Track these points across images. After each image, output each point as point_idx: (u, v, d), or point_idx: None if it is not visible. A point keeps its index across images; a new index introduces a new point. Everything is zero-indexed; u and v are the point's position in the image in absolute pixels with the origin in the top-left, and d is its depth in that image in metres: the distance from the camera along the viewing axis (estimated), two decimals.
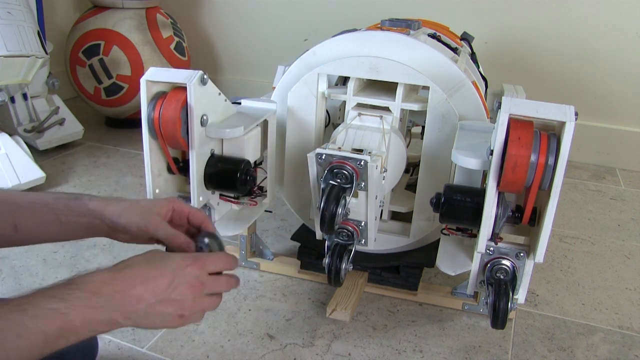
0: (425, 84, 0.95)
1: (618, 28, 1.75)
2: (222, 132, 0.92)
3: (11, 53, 1.40)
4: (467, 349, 0.96)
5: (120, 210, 0.65)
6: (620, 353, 0.97)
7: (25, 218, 0.64)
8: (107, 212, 0.66)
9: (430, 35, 1.14)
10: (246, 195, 1.01)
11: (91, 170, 1.66)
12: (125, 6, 1.89)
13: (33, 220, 0.65)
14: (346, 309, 1.02)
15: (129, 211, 0.65)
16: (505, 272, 0.84)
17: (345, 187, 0.85)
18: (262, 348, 0.95)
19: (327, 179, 0.86)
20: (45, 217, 0.65)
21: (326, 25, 2.01)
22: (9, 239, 0.65)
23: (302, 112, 1.03)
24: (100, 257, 1.20)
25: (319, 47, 1.03)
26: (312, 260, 1.13)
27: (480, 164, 0.80)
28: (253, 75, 2.27)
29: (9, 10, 1.44)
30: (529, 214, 0.80)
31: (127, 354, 0.93)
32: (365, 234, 0.93)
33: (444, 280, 1.15)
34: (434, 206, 0.85)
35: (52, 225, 0.65)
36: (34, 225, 0.65)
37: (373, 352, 0.95)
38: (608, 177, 1.79)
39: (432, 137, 0.97)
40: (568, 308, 1.09)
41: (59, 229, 0.65)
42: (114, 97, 1.91)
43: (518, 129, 0.73)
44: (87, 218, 0.66)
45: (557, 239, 1.36)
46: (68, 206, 0.65)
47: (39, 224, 0.65)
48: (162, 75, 0.88)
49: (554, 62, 1.85)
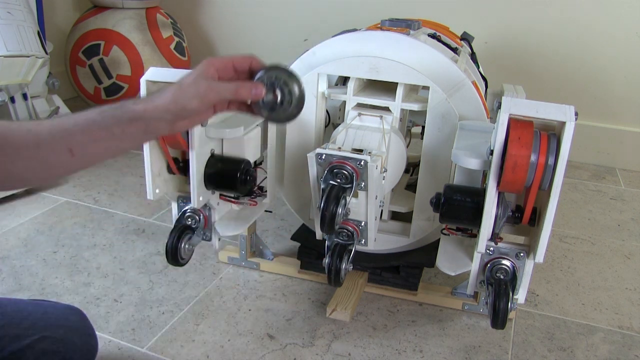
0: (425, 84, 0.95)
1: (618, 28, 1.75)
2: (222, 132, 0.92)
3: (11, 53, 1.40)
4: (467, 349, 0.96)
5: (170, 96, 0.64)
6: (620, 353, 0.97)
7: (77, 141, 0.62)
8: (160, 106, 0.64)
9: (430, 35, 1.14)
10: (246, 195, 1.01)
11: (91, 170, 1.66)
12: (125, 6, 1.89)
13: (87, 140, 0.62)
14: (346, 309, 1.02)
15: (180, 93, 0.64)
16: (505, 272, 0.84)
17: (345, 187, 0.85)
18: (262, 348, 0.95)
19: (327, 179, 0.86)
20: (98, 135, 0.62)
21: (326, 25, 2.01)
22: (67, 165, 0.63)
23: (302, 112, 1.03)
24: (100, 257, 1.20)
25: (319, 47, 1.03)
26: (312, 260, 1.13)
27: (480, 164, 0.80)
28: None
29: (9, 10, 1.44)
30: (529, 214, 0.80)
31: (127, 354, 0.93)
32: (365, 234, 0.93)
33: (444, 280, 1.15)
34: (434, 206, 0.85)
35: (106, 141, 0.63)
36: (89, 145, 0.62)
37: (373, 352, 0.95)
38: (608, 177, 1.79)
39: (432, 137, 0.97)
40: (568, 308, 1.09)
41: (114, 142, 0.63)
42: (114, 97, 1.91)
43: (518, 129, 0.73)
44: (140, 122, 0.63)
45: (557, 239, 1.36)
46: (116, 117, 0.63)
47: (94, 143, 0.62)
48: (162, 75, 0.88)
49: (554, 62, 1.85)
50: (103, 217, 1.38)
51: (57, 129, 0.61)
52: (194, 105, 0.64)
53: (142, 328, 0.99)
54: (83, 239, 1.28)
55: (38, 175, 0.63)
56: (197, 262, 1.19)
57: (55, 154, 0.61)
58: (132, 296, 1.08)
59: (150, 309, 1.04)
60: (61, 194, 1.51)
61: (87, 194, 1.51)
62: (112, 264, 1.18)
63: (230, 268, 1.18)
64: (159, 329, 0.99)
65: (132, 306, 1.05)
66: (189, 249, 0.95)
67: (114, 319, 1.01)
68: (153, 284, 1.11)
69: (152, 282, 1.12)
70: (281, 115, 0.71)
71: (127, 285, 1.11)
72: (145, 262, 1.19)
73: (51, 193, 1.50)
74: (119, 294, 1.08)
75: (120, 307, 1.04)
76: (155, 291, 1.09)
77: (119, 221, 1.36)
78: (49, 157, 0.61)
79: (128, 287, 1.10)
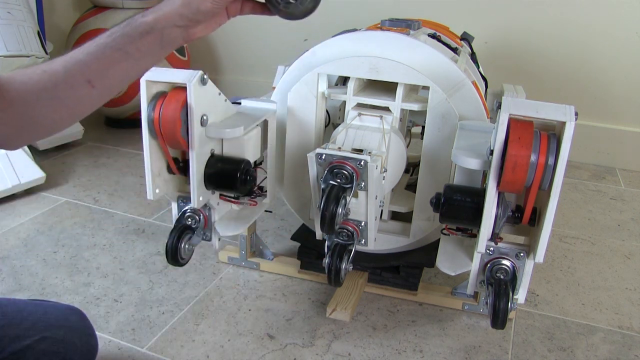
0: (425, 84, 0.95)
1: (618, 28, 1.75)
2: (222, 132, 0.92)
3: (11, 53, 1.40)
4: (467, 349, 0.96)
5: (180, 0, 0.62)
6: (620, 353, 0.97)
7: (94, 70, 0.60)
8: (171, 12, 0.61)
9: (430, 35, 1.14)
10: (246, 195, 1.01)
11: (91, 170, 1.66)
12: (125, 6, 1.89)
13: (103, 67, 0.60)
14: (346, 309, 1.02)
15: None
16: (505, 272, 0.84)
17: (346, 187, 0.85)
18: (262, 348, 0.95)
19: (327, 179, 0.86)
20: (113, 58, 0.60)
21: (326, 25, 2.01)
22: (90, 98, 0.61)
23: (302, 112, 1.03)
24: (100, 257, 1.20)
25: (319, 47, 1.03)
26: (312, 260, 1.13)
27: (480, 164, 0.80)
28: (253, 75, 2.27)
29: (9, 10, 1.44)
30: (529, 214, 0.80)
31: (127, 354, 0.93)
32: (365, 234, 0.93)
33: (444, 280, 1.15)
34: (434, 206, 0.85)
35: (123, 62, 0.60)
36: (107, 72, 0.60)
37: (373, 352, 0.95)
38: (608, 177, 1.79)
39: (432, 137, 0.97)
40: (568, 308, 1.09)
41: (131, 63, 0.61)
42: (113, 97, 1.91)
43: (518, 129, 0.73)
44: (154, 34, 0.61)
45: (557, 239, 1.36)
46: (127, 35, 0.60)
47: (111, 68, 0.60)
48: (162, 75, 0.88)
49: (554, 62, 1.85)
50: (103, 217, 1.38)
51: (71, 62, 0.59)
52: (208, 6, 0.62)
53: (142, 328, 0.99)
54: (83, 239, 1.28)
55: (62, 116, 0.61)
56: (197, 262, 1.19)
57: (75, 89, 0.59)
58: (132, 296, 1.08)
59: (150, 309, 1.04)
60: (61, 194, 1.51)
61: (87, 194, 1.51)
62: (112, 264, 1.18)
63: (230, 268, 1.18)
64: (159, 329, 0.99)
65: (132, 306, 1.05)
66: (189, 249, 0.95)
67: (114, 319, 1.01)
68: (153, 284, 1.11)
69: (152, 282, 1.12)
70: (298, 9, 0.69)
71: (127, 285, 1.11)
72: (145, 262, 1.19)
73: (51, 193, 1.50)
74: (119, 294, 1.08)
75: (120, 307, 1.04)
76: (155, 291, 1.09)
77: (119, 221, 1.36)
78: (69, 94, 0.58)
79: (128, 287, 1.10)
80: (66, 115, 0.62)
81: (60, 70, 0.58)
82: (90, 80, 0.59)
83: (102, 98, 0.62)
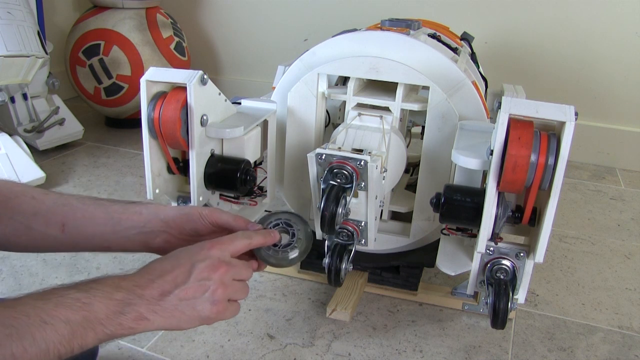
0: (425, 84, 0.95)
1: (618, 28, 1.75)
2: (222, 132, 0.92)
3: (11, 53, 1.40)
4: (467, 349, 0.97)
5: (177, 208, 0.65)
6: (620, 353, 0.97)
7: (74, 214, 0.60)
8: (165, 210, 0.64)
9: (430, 35, 1.14)
10: (246, 195, 1.01)
11: (91, 170, 1.66)
12: (125, 6, 1.89)
13: (82, 216, 0.60)
14: (346, 309, 1.02)
15: (185, 208, 0.65)
16: (505, 272, 0.84)
17: (346, 187, 0.85)
18: (262, 348, 0.95)
19: (327, 179, 0.86)
20: (95, 212, 0.60)
21: (326, 25, 2.01)
22: (55, 240, 0.61)
23: (302, 112, 1.03)
24: (100, 257, 1.20)
25: (319, 47, 1.03)
26: (312, 260, 1.13)
27: (480, 164, 0.80)
28: (253, 75, 2.27)
29: (9, 10, 1.44)
30: (529, 214, 0.80)
31: (127, 354, 0.93)
32: (365, 234, 0.93)
33: (444, 280, 1.15)
34: (434, 206, 0.85)
35: (102, 226, 0.61)
36: (83, 223, 0.60)
37: (373, 352, 0.95)
38: (608, 177, 1.79)
39: (432, 137, 0.97)
40: (568, 308, 1.09)
41: (111, 229, 0.61)
42: (114, 97, 1.91)
43: (518, 129, 0.73)
44: (142, 216, 0.63)
45: (557, 239, 1.36)
46: (121, 204, 0.63)
47: (88, 220, 0.60)
48: (162, 75, 0.88)
49: (554, 62, 1.85)
50: None
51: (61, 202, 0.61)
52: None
53: None
54: None
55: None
56: None
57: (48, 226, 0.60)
58: None
59: None
60: None
61: (87, 194, 1.51)
62: (112, 264, 1.18)
63: None
64: None
65: None
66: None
67: None
68: None
69: None
70: (285, 261, 0.75)
71: None
72: (145, 262, 1.19)
73: None
74: None
75: None
76: None
77: None
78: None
79: None
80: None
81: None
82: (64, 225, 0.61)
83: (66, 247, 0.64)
